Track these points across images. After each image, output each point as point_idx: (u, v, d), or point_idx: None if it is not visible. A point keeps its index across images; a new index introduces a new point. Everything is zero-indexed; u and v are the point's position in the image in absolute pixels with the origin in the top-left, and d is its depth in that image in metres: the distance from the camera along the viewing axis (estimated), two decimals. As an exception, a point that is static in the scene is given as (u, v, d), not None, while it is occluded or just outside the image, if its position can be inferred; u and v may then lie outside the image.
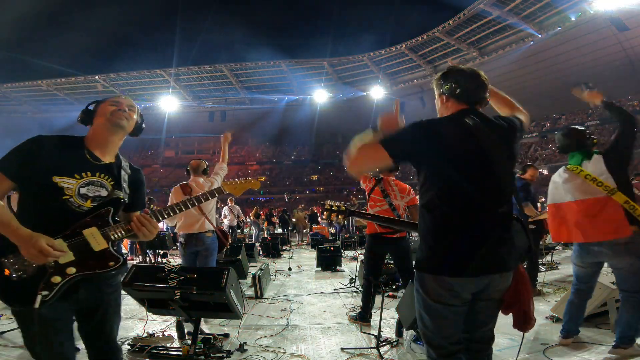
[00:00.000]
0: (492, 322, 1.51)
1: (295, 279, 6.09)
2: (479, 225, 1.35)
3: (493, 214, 1.37)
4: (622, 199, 2.34)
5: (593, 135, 2.71)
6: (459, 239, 1.34)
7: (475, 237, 1.34)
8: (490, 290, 1.41)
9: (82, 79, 36.79)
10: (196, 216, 3.56)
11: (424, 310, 1.43)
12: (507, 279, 1.43)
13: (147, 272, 2.76)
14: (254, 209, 14.80)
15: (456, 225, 1.35)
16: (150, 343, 2.81)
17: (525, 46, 29.09)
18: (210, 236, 3.59)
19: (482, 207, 1.36)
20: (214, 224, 3.67)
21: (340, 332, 3.27)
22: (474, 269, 1.33)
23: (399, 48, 32.32)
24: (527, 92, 33.02)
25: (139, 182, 1.66)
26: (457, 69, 1.53)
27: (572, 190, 2.52)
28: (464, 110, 1.48)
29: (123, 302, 4.51)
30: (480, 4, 25.91)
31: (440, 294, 1.37)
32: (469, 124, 1.40)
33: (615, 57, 28.38)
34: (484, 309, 1.45)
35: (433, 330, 1.42)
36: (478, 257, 1.32)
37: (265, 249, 9.31)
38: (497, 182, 1.40)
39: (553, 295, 4.25)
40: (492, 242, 1.35)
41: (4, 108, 39.28)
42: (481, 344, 1.50)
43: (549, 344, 2.77)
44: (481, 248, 1.33)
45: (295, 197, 37.44)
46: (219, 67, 35.59)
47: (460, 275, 1.34)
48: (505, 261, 1.38)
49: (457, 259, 1.34)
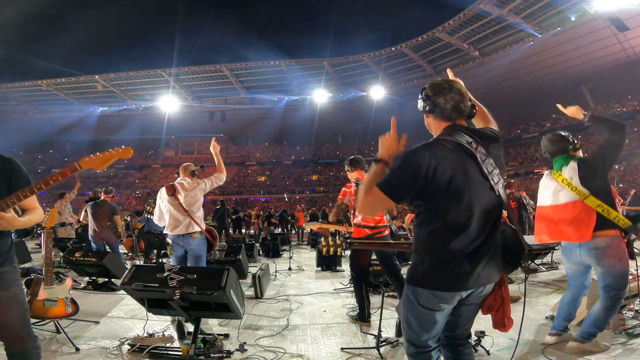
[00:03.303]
0: (471, 323, 1.60)
1: (295, 279, 6.09)
2: (474, 243, 1.39)
3: (486, 228, 1.41)
4: (595, 203, 2.41)
5: (586, 138, 2.75)
6: (456, 257, 1.38)
7: (471, 255, 1.38)
8: (474, 296, 1.47)
9: (82, 79, 36.80)
10: (182, 217, 3.58)
11: (411, 314, 1.49)
12: (491, 286, 1.50)
13: (147, 272, 2.76)
14: (254, 210, 14.83)
15: (452, 244, 1.38)
16: (150, 343, 2.81)
17: (525, 46, 29.08)
18: (197, 237, 3.60)
19: (477, 224, 1.39)
20: (202, 225, 3.68)
21: (340, 332, 3.27)
22: (467, 284, 1.39)
23: (399, 48, 32.32)
24: (527, 92, 33.08)
25: (9, 171, 1.70)
26: (431, 85, 1.53)
27: (552, 193, 2.63)
28: (452, 126, 1.50)
29: (123, 302, 4.51)
30: (480, 4, 25.92)
31: (430, 302, 1.43)
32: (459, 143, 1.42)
33: (615, 57, 28.38)
34: (465, 312, 1.53)
35: (417, 332, 1.50)
36: (474, 274, 1.38)
37: (265, 249, 9.31)
38: (489, 197, 1.43)
39: (553, 295, 4.25)
40: (486, 258, 1.40)
41: (4, 108, 39.26)
42: (460, 339, 1.59)
43: (548, 344, 2.77)
44: (477, 265, 1.38)
45: (295, 197, 37.44)
46: (219, 67, 35.60)
47: (453, 290, 1.40)
48: (494, 274, 1.46)
49: (452, 276, 1.38)
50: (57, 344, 2.85)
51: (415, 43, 31.57)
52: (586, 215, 2.45)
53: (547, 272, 5.66)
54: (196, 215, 3.63)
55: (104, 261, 4.82)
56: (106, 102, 40.33)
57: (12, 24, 28.96)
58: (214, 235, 3.90)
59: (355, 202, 1.47)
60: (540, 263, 6.02)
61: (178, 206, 3.59)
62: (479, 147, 1.44)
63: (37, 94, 39.03)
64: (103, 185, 6.64)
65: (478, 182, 1.41)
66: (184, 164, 3.91)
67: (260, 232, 13.94)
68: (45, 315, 2.89)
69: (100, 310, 3.96)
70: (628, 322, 3.06)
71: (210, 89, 39.10)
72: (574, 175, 2.52)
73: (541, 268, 5.81)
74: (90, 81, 37.12)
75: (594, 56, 28.83)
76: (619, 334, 2.87)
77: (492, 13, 26.55)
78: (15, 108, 40.25)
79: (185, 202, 3.60)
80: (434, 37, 30.43)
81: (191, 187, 3.69)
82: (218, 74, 36.75)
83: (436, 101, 1.49)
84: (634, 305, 3.31)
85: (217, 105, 40.74)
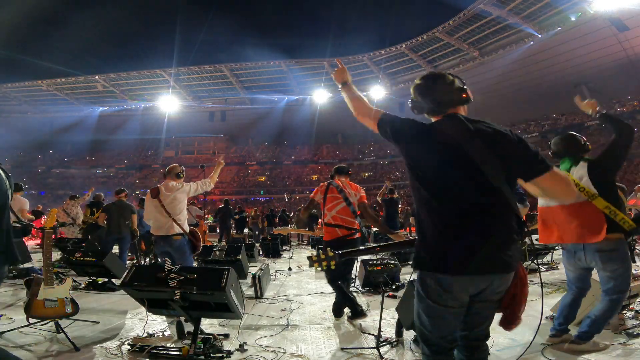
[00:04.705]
0: (489, 322, 1.53)
1: (295, 279, 6.09)
2: (478, 224, 1.35)
3: (492, 213, 1.37)
4: (603, 204, 2.39)
5: (587, 138, 2.75)
6: (460, 237, 1.35)
7: (477, 235, 1.34)
8: (488, 292, 1.42)
9: (82, 79, 36.81)
10: (164, 219, 3.64)
11: (422, 310, 1.46)
12: (507, 281, 1.44)
13: (147, 272, 2.76)
14: (254, 210, 14.81)
15: (455, 224, 1.36)
16: (150, 343, 2.81)
17: (525, 46, 29.10)
18: (178, 239, 3.66)
19: (479, 206, 1.37)
20: (184, 227, 3.73)
21: (340, 332, 3.27)
22: (476, 266, 1.34)
23: (399, 48, 32.33)
24: (527, 92, 33.07)
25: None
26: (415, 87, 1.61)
27: None
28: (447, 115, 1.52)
29: (123, 302, 4.50)
30: (480, 4, 25.93)
31: (440, 295, 1.39)
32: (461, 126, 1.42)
33: (615, 57, 28.39)
34: (481, 311, 1.47)
35: (430, 329, 1.46)
36: (481, 255, 1.33)
37: (265, 249, 9.31)
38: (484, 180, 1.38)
39: (553, 295, 4.25)
40: (496, 241, 1.35)
41: (4, 108, 39.27)
42: (477, 341, 1.52)
43: (548, 344, 2.77)
44: (483, 246, 1.33)
45: (295, 197, 37.44)
46: (219, 67, 35.60)
47: (462, 274, 1.35)
48: (508, 262, 1.38)
49: (459, 256, 1.34)
50: (57, 344, 2.84)
51: (415, 43, 31.58)
52: (596, 216, 2.41)
53: (547, 272, 5.67)
54: (178, 217, 3.67)
55: (104, 261, 4.82)
56: (106, 102, 40.34)
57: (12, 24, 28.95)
58: (197, 237, 3.94)
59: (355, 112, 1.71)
60: (541, 263, 6.02)
61: (160, 208, 3.66)
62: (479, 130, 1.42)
63: (37, 94, 39.04)
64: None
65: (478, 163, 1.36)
66: (170, 166, 3.99)
67: (261, 232, 13.93)
68: (45, 315, 2.89)
69: (100, 310, 3.96)
70: (628, 322, 3.06)
71: (210, 89, 39.10)
72: (584, 176, 2.49)
73: (541, 268, 5.81)
74: (90, 81, 37.12)
75: (594, 56, 28.84)
76: (619, 334, 2.87)
77: (492, 13, 26.56)
78: (15, 108, 40.25)
79: (167, 204, 3.66)
80: (434, 37, 30.44)
81: (174, 189, 3.74)
82: (218, 74, 36.75)
83: (424, 100, 1.56)
84: (634, 305, 3.32)
85: (217, 105, 40.74)
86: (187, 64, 35.36)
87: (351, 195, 3.64)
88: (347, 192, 3.64)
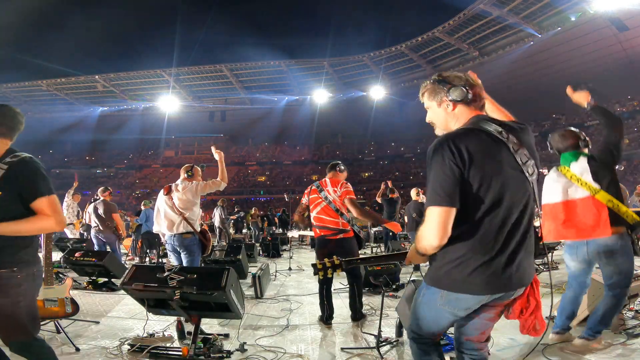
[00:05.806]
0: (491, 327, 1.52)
1: (295, 279, 6.09)
2: (505, 244, 1.28)
3: (520, 224, 1.30)
4: (606, 198, 2.39)
5: (587, 137, 2.75)
6: (486, 258, 1.27)
7: (503, 257, 1.27)
8: (499, 301, 1.38)
9: (82, 79, 36.76)
10: (175, 218, 3.67)
11: (428, 314, 1.45)
12: (522, 289, 1.39)
13: (147, 272, 2.76)
14: (253, 210, 14.81)
15: (483, 241, 1.27)
16: (150, 343, 2.82)
17: (525, 46, 29.07)
18: (188, 238, 3.67)
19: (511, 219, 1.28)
20: (195, 226, 3.72)
21: (340, 332, 3.27)
22: (497, 287, 1.29)
23: (399, 48, 32.29)
24: (527, 92, 33.05)
25: (19, 174, 1.68)
26: (456, 75, 1.45)
27: (560, 190, 2.57)
28: (479, 116, 1.40)
29: (123, 302, 4.50)
30: (480, 4, 25.88)
31: (451, 304, 1.36)
32: (491, 132, 1.32)
33: (615, 57, 28.38)
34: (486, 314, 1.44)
35: (426, 326, 1.47)
36: (505, 275, 1.27)
37: (265, 249, 9.31)
38: (524, 190, 1.31)
39: (553, 295, 4.24)
40: (518, 259, 1.29)
41: (4, 108, 39.20)
42: (480, 342, 1.52)
43: (548, 343, 2.77)
44: (507, 268, 1.27)
45: (295, 197, 37.41)
46: (219, 67, 35.56)
47: (481, 294, 1.30)
48: (527, 276, 1.34)
49: (482, 277, 1.27)
50: (57, 344, 2.84)
51: (415, 43, 31.55)
52: (600, 210, 2.40)
53: (547, 272, 5.66)
54: (188, 216, 3.67)
55: (104, 261, 4.83)
56: (106, 102, 40.30)
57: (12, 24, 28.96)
58: (207, 237, 3.93)
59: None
60: (541, 263, 6.01)
61: (172, 206, 3.70)
62: (510, 136, 1.32)
63: (37, 94, 39.00)
64: (103, 185, 6.70)
65: (511, 175, 1.29)
66: (185, 165, 4.03)
67: (261, 232, 13.93)
68: (45, 315, 2.88)
69: (100, 310, 3.96)
70: (628, 322, 3.06)
71: (210, 89, 39.07)
72: (585, 171, 2.48)
73: (542, 268, 5.80)
74: (90, 81, 37.07)
75: (594, 56, 28.83)
76: (619, 334, 2.87)
77: (492, 13, 26.52)
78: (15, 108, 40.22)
79: (178, 203, 3.70)
80: (434, 37, 30.41)
81: (183, 187, 3.76)
82: (218, 74, 36.72)
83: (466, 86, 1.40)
84: (634, 305, 3.31)
85: (217, 105, 40.71)
86: (187, 64, 35.36)
87: (331, 193, 3.55)
88: (326, 190, 3.58)
